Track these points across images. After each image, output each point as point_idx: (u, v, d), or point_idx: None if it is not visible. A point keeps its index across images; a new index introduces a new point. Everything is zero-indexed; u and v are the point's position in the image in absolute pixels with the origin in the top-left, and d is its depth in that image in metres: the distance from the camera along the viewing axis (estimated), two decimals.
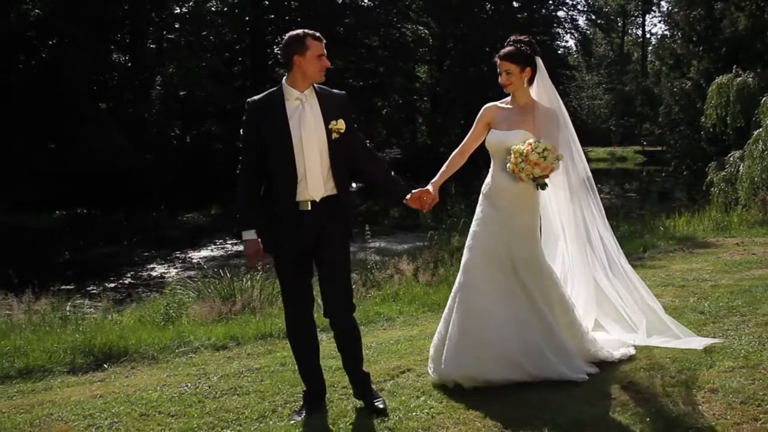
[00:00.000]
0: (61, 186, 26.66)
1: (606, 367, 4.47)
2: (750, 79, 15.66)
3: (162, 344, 6.23)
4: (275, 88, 4.10)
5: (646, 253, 9.54)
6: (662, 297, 6.51)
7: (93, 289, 12.96)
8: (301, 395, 4.38)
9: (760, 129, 13.55)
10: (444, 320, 4.58)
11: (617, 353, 4.58)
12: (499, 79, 4.57)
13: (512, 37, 4.62)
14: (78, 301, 9.33)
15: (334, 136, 4.03)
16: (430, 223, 13.23)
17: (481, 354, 4.28)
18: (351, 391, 4.48)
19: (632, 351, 4.64)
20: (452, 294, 4.59)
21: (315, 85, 4.10)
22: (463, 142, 4.78)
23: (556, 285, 4.59)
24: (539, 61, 4.60)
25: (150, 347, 6.15)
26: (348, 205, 4.20)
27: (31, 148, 27.73)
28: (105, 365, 5.85)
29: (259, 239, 4.10)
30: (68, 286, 11.97)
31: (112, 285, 13.58)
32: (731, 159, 15.07)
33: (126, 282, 14.04)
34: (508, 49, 4.54)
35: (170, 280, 14.01)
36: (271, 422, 4.04)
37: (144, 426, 4.17)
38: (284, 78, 4.10)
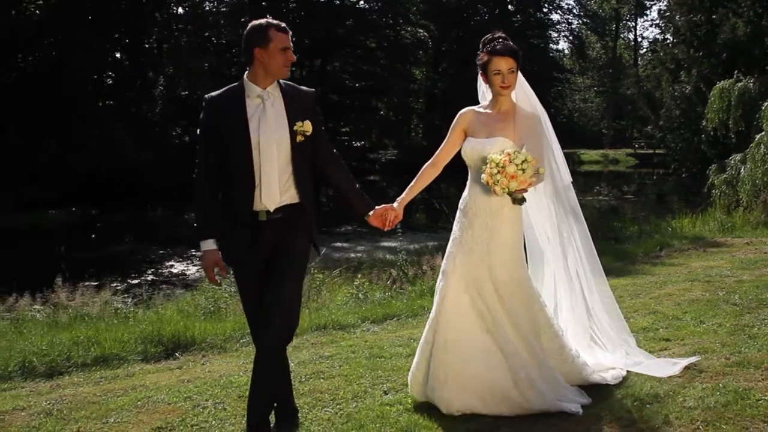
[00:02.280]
0: (64, 185, 26.86)
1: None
2: (751, 84, 16.27)
3: (226, 335, 6.60)
4: (236, 84, 3.74)
5: (663, 252, 10.03)
6: (691, 291, 7.01)
7: (117, 286, 13.22)
8: (383, 379, 4.79)
9: (762, 133, 14.12)
10: (422, 351, 4.21)
11: (608, 375, 4.33)
12: (498, 81, 4.08)
13: (498, 34, 4.18)
14: (95, 298, 9.66)
15: (299, 138, 3.67)
16: (443, 223, 13.67)
17: (469, 390, 3.98)
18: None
19: (624, 373, 4.39)
20: (430, 323, 4.21)
21: (281, 81, 3.74)
22: (436, 153, 4.32)
23: (543, 308, 4.22)
24: None
25: (216, 338, 6.51)
26: (313, 214, 3.81)
27: (33, 147, 27.91)
28: (176, 354, 6.20)
29: (219, 250, 3.76)
30: (92, 283, 12.28)
31: (135, 282, 13.87)
32: (732, 162, 15.62)
33: (148, 279, 14.36)
34: (510, 44, 4.09)
35: (192, 276, 14.39)
36: (367, 401, 4.40)
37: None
38: (245, 73, 3.73)
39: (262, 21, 3.67)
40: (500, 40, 4.11)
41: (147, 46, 36.08)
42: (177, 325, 6.67)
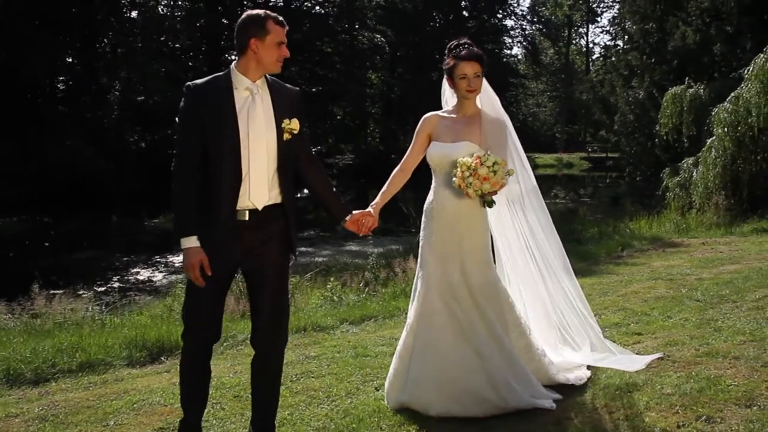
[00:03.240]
0: (18, 191, 26.35)
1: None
2: (701, 91, 16.93)
3: None
4: (221, 74, 3.57)
5: (625, 252, 10.45)
6: (656, 289, 7.37)
7: (83, 293, 13.14)
8: (372, 377, 4.97)
9: (713, 137, 14.71)
10: (400, 358, 4.31)
11: (572, 376, 4.45)
12: (464, 85, 4.18)
13: (464, 40, 4.27)
14: (70, 306, 9.64)
15: (286, 136, 3.55)
16: (411, 227, 13.94)
17: (446, 393, 4.06)
18: None
19: (588, 374, 4.53)
20: (408, 328, 4.32)
21: (267, 76, 3.60)
22: (404, 159, 4.41)
23: (512, 307, 4.34)
24: None
25: None
26: (293, 216, 3.67)
27: None
28: (162, 358, 6.25)
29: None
30: (57, 291, 12.19)
31: (102, 289, 13.78)
32: (685, 165, 16.23)
33: (114, 286, 14.26)
34: (477, 50, 4.20)
35: (159, 283, 14.37)
36: (361, 397, 4.59)
37: (245, 406, 4.57)
38: (233, 63, 3.57)
39: (260, 12, 3.52)
40: (466, 45, 4.22)
41: (100, 50, 35.64)
42: (160, 329, 6.75)
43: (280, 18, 3.53)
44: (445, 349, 4.12)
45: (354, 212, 4.03)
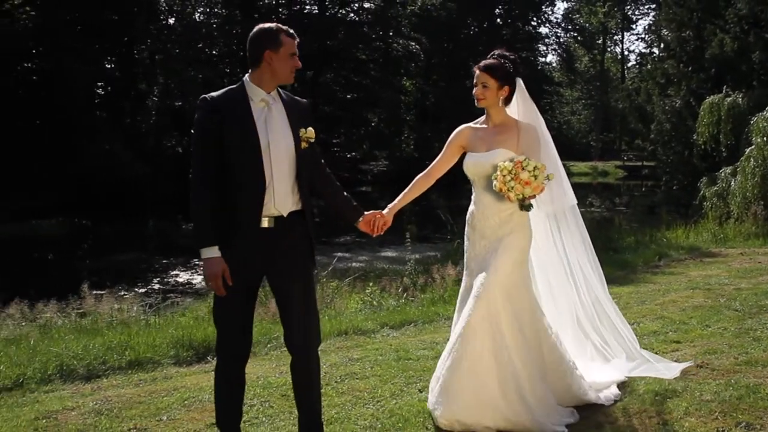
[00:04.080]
0: (59, 195, 26.99)
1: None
2: (739, 99, 16.76)
3: (253, 339, 6.88)
4: (235, 86, 3.66)
5: (662, 261, 10.45)
6: (694, 298, 7.39)
7: (125, 294, 13.46)
8: (415, 379, 5.09)
9: (752, 147, 14.54)
10: (442, 359, 4.30)
11: (602, 395, 4.38)
12: (474, 91, 4.28)
13: (497, 51, 4.35)
14: (116, 306, 9.91)
15: (303, 145, 3.65)
16: (448, 233, 14.07)
17: (459, 401, 4.03)
18: None
19: (618, 393, 4.45)
20: (457, 332, 4.22)
21: (278, 88, 3.72)
22: (431, 165, 4.50)
23: (543, 316, 4.31)
24: (520, 82, 4.36)
25: None
26: (312, 223, 3.75)
27: (29, 156, 28.03)
28: (208, 357, 6.46)
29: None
30: (100, 291, 12.51)
31: (143, 290, 14.10)
32: (723, 175, 16.06)
33: (155, 287, 14.58)
34: (490, 61, 4.27)
35: (199, 285, 14.65)
36: (405, 398, 4.72)
37: (292, 404, 4.56)
38: (247, 75, 3.66)
39: (272, 25, 3.65)
40: (493, 56, 4.31)
41: (138, 56, 36.37)
42: (206, 330, 6.95)
43: (291, 30, 3.66)
44: (465, 356, 4.06)
45: (366, 213, 4.13)
